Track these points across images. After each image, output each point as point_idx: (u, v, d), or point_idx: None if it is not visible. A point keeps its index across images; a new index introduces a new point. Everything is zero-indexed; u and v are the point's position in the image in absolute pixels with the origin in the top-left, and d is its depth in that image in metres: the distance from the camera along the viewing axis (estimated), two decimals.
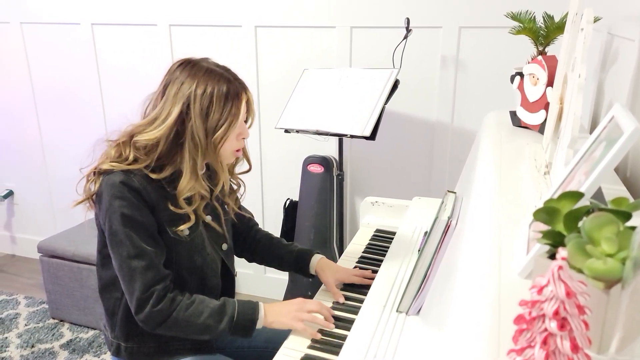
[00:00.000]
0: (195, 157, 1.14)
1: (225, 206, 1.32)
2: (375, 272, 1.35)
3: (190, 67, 1.15)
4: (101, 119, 2.71)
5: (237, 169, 1.34)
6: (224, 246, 1.32)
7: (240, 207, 1.44)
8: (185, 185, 1.15)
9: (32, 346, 2.28)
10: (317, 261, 1.39)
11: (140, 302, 1.12)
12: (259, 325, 1.18)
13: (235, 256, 1.44)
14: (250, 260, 1.49)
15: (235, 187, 1.35)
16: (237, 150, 1.22)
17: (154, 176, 1.14)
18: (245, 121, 1.23)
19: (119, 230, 1.11)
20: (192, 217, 1.18)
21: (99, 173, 1.15)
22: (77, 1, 2.55)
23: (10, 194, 3.06)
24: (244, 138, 1.22)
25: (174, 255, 1.19)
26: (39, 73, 2.77)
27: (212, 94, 1.12)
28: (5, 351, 2.25)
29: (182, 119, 1.12)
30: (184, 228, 1.17)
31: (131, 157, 1.13)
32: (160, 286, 1.12)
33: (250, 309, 1.18)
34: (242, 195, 1.38)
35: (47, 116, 2.83)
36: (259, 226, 1.51)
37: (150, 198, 1.13)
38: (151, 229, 1.14)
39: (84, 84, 2.68)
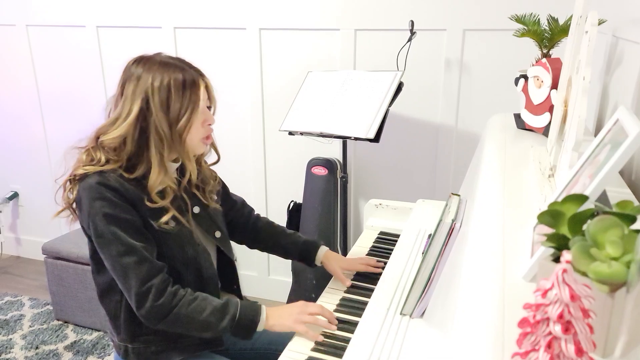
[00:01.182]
0: (161, 150, 1.15)
1: (208, 197, 1.32)
2: (379, 273, 1.36)
3: (144, 62, 1.16)
4: None
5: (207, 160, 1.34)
6: (217, 233, 1.32)
7: (229, 194, 1.46)
8: (155, 180, 1.15)
9: (37, 347, 2.29)
10: (324, 253, 1.43)
11: (139, 298, 1.12)
12: (260, 328, 1.18)
13: (236, 243, 1.46)
14: (251, 247, 1.51)
15: (211, 180, 1.34)
16: (207, 138, 1.22)
17: (127, 175, 1.15)
18: (209, 108, 1.23)
19: (104, 231, 1.12)
20: (170, 209, 1.18)
21: (74, 180, 1.16)
22: (82, 4, 2.56)
23: (15, 195, 3.07)
24: (209, 124, 1.22)
25: (164, 249, 1.19)
26: (44, 75, 2.78)
27: (169, 84, 1.12)
28: (9, 352, 2.26)
29: (144, 114, 1.13)
30: (166, 219, 1.17)
31: (103, 159, 1.14)
32: (157, 280, 1.13)
33: (252, 310, 1.18)
34: (216, 182, 1.37)
35: (52, 118, 2.85)
36: (256, 212, 1.52)
37: (130, 194, 1.14)
38: (136, 224, 1.14)
39: (89, 86, 2.69)
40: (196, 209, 1.27)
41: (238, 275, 1.43)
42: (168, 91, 1.12)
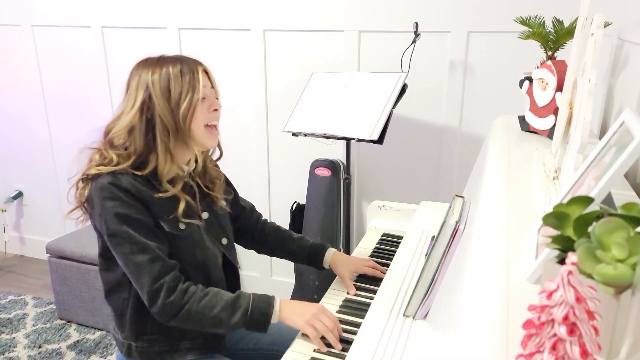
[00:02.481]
0: (166, 139, 1.16)
1: (217, 197, 1.33)
2: (383, 273, 1.36)
3: (144, 62, 1.21)
4: None
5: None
6: (224, 240, 1.33)
7: (239, 199, 1.47)
8: (163, 168, 1.17)
9: (40, 346, 2.29)
10: (331, 256, 1.42)
11: (151, 295, 1.13)
12: (273, 320, 1.17)
13: (244, 248, 1.46)
14: (259, 252, 1.51)
15: (217, 180, 1.34)
16: (212, 127, 1.23)
17: (139, 173, 1.16)
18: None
19: (117, 230, 1.13)
20: (182, 199, 1.19)
21: (87, 179, 1.17)
22: (87, 4, 2.57)
23: (19, 195, 3.08)
24: (215, 110, 1.22)
25: (174, 252, 1.19)
26: (49, 75, 2.79)
27: (168, 73, 1.16)
28: (12, 351, 2.27)
29: (147, 105, 1.16)
30: (182, 208, 1.18)
31: (115, 159, 1.15)
32: (169, 277, 1.14)
33: (265, 303, 1.18)
34: (222, 182, 1.37)
35: (57, 118, 2.86)
36: (264, 217, 1.52)
37: (141, 195, 1.15)
38: (148, 224, 1.16)
39: (94, 87, 2.70)
40: (205, 215, 1.28)
41: (240, 282, 1.43)
42: (167, 79, 1.16)
